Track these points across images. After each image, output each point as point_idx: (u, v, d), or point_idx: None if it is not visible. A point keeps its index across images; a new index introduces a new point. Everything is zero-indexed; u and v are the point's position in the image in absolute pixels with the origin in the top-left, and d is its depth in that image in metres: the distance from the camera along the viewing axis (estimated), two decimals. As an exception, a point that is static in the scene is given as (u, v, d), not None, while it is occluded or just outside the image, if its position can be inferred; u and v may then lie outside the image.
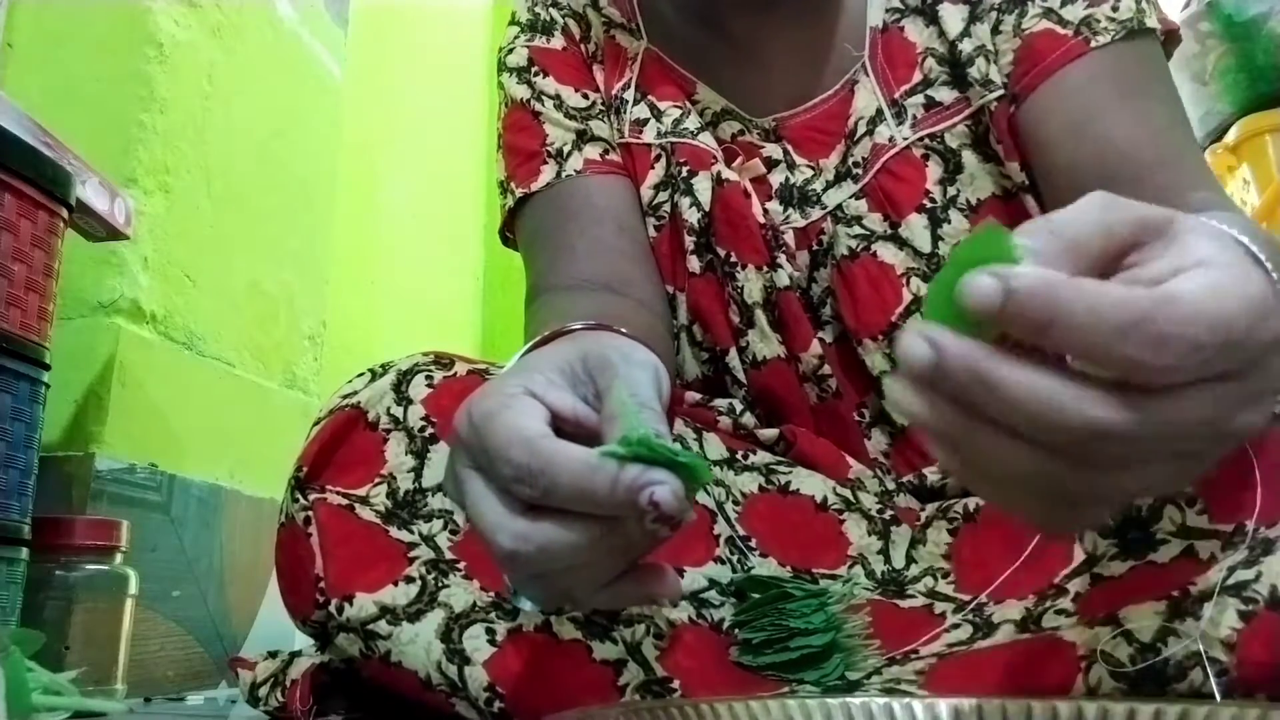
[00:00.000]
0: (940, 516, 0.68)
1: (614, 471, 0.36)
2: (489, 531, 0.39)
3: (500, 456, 0.38)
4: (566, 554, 0.38)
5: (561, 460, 0.37)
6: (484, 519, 0.39)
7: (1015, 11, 0.71)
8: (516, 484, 0.38)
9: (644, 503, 0.36)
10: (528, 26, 0.84)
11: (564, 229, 0.77)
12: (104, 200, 1.02)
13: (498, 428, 0.39)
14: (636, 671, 0.57)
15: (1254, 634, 0.48)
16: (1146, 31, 0.69)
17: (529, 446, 0.38)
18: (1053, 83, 0.69)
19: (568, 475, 0.37)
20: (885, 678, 0.56)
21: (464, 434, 0.40)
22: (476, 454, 0.40)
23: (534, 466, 0.37)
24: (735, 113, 0.77)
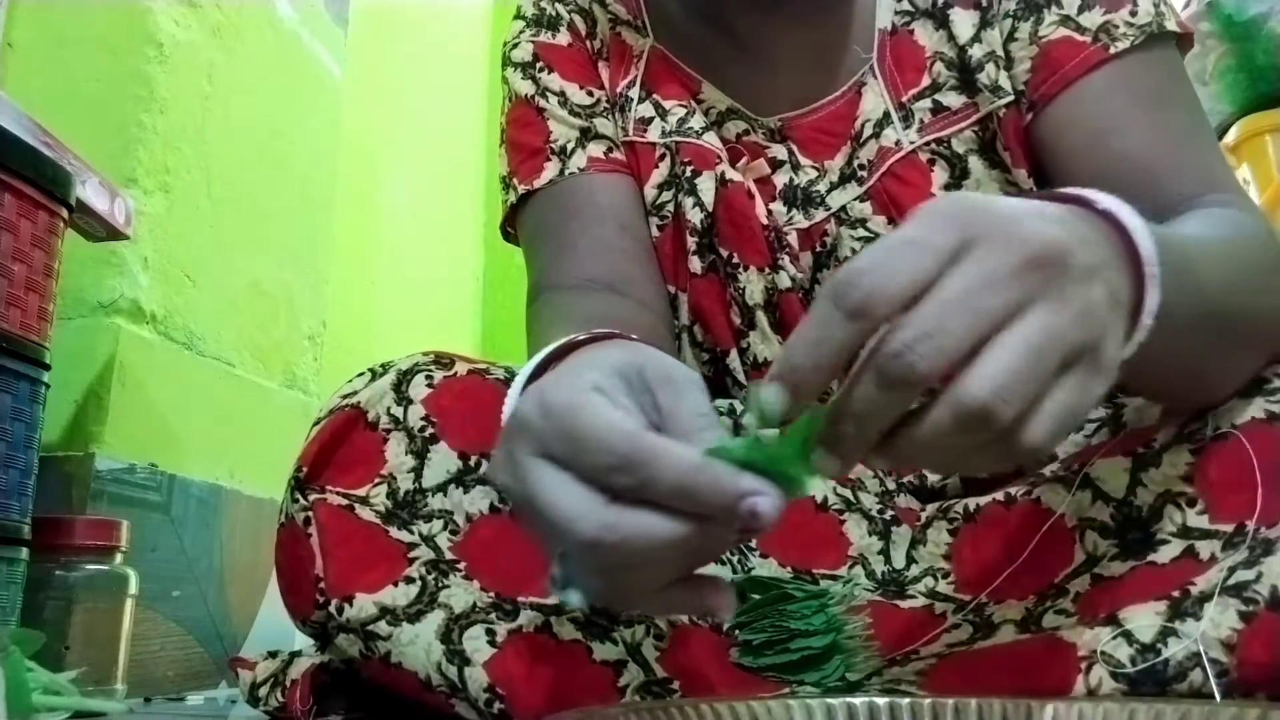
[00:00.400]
0: (940, 517, 0.68)
1: (720, 473, 0.37)
2: (568, 519, 0.38)
3: (599, 445, 0.38)
4: (646, 548, 0.38)
5: (666, 454, 0.37)
6: (559, 506, 0.38)
7: (1031, 19, 0.70)
8: (614, 473, 0.37)
9: (744, 511, 0.36)
10: (533, 21, 0.83)
11: (566, 227, 0.77)
12: (104, 200, 1.02)
13: (591, 417, 0.38)
14: (636, 672, 0.57)
15: (1254, 634, 0.48)
16: (1165, 36, 0.68)
17: (631, 438, 0.37)
18: (1072, 93, 0.68)
19: (673, 470, 0.37)
20: (885, 678, 0.56)
21: (536, 422, 0.39)
22: (554, 442, 0.39)
23: (637, 457, 0.37)
24: (741, 112, 0.77)
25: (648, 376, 0.41)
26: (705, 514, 0.37)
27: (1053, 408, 0.36)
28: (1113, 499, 0.58)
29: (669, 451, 0.37)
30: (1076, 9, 0.69)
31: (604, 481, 0.38)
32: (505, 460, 0.41)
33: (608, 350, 0.44)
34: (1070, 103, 0.68)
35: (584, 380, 0.40)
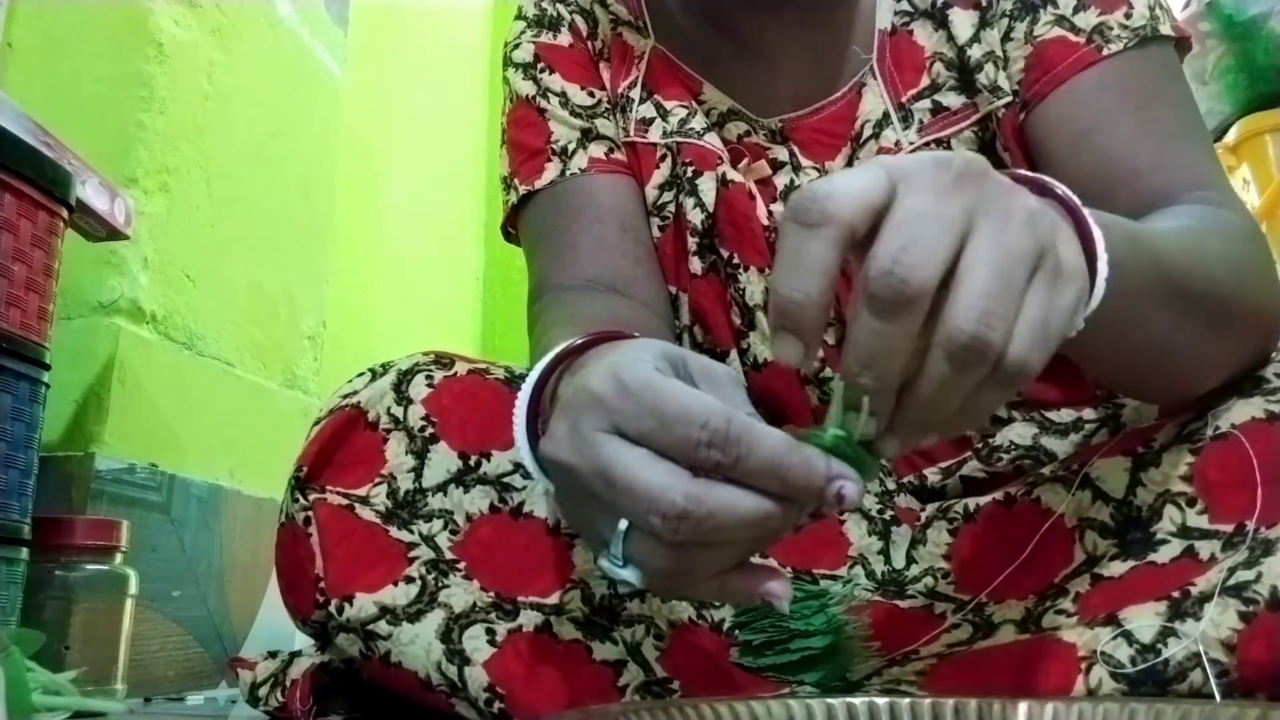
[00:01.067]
0: (940, 517, 0.68)
1: (812, 454, 0.38)
2: (654, 490, 0.38)
3: (692, 420, 0.38)
4: (730, 523, 0.38)
5: (760, 432, 0.38)
6: (643, 478, 0.38)
7: (1027, 18, 0.70)
8: (709, 449, 0.38)
9: (831, 494, 0.38)
10: (534, 22, 0.83)
11: (567, 228, 0.77)
12: (104, 200, 1.02)
13: (679, 394, 0.39)
14: (636, 672, 0.57)
15: (1254, 635, 0.48)
16: (1160, 39, 0.68)
17: (726, 414, 0.38)
18: (1061, 93, 0.68)
19: (767, 448, 0.37)
20: (885, 678, 0.56)
21: (613, 398, 0.40)
22: (633, 418, 0.39)
23: (733, 433, 0.37)
24: (742, 113, 0.77)
25: (691, 369, 0.42)
26: (790, 495, 0.38)
27: (1028, 320, 0.36)
28: (1113, 499, 0.58)
29: (762, 430, 0.38)
30: (1072, 9, 0.69)
31: (691, 458, 0.38)
32: (569, 436, 0.41)
33: (650, 342, 0.44)
34: (1059, 103, 0.68)
35: (647, 361, 0.41)
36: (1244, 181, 1.59)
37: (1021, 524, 0.61)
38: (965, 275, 0.35)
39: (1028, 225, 0.37)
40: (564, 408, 0.42)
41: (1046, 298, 0.37)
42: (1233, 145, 1.60)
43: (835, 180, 0.37)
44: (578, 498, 0.42)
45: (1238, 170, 1.60)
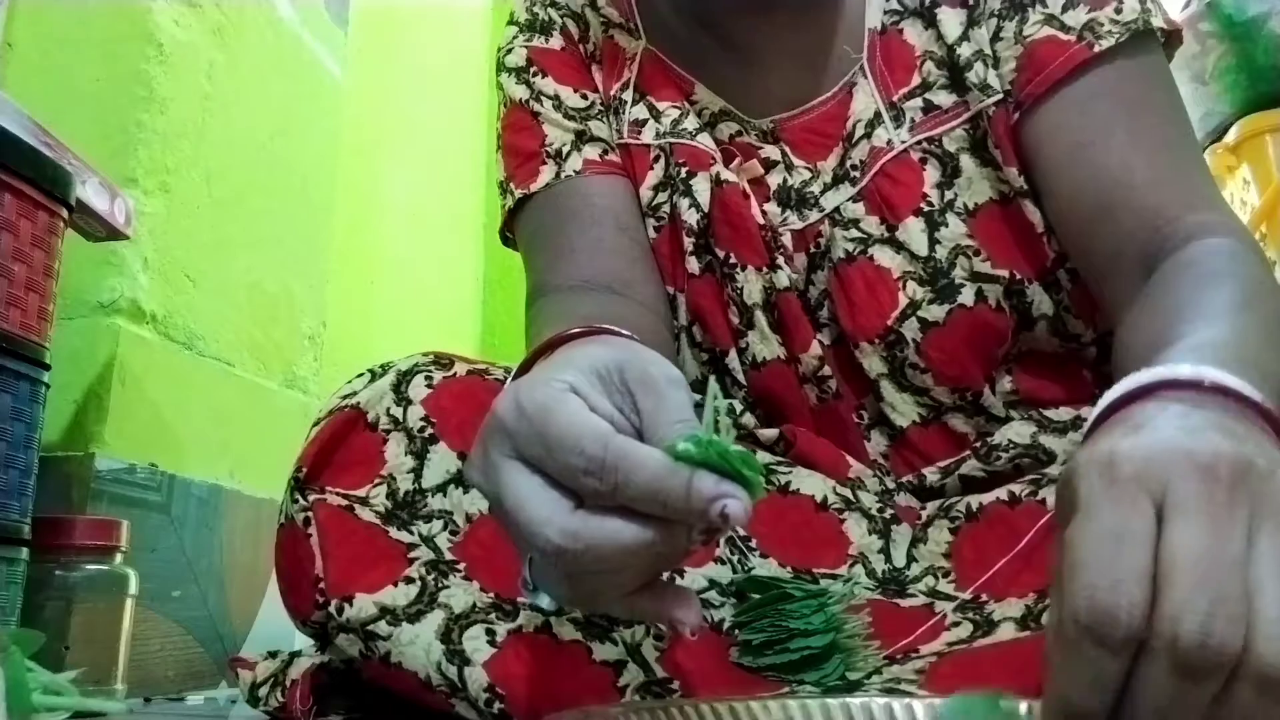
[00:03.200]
0: (941, 515, 0.68)
1: (684, 477, 0.37)
2: (534, 524, 0.38)
3: (570, 447, 0.38)
4: (613, 555, 0.38)
5: (638, 457, 0.37)
6: (527, 511, 0.38)
7: (1016, 18, 0.70)
8: (586, 476, 0.37)
9: (714, 514, 0.36)
10: (526, 26, 0.83)
11: (563, 229, 0.77)
12: (104, 200, 1.02)
13: (564, 419, 0.38)
14: (636, 672, 0.57)
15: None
16: (1150, 33, 0.68)
17: (603, 440, 0.38)
18: (1054, 102, 0.68)
19: (645, 473, 0.37)
20: (885, 677, 0.56)
21: (511, 422, 0.39)
22: (526, 444, 0.39)
23: (609, 460, 0.37)
24: (733, 114, 0.77)
25: (627, 377, 0.41)
26: (674, 517, 0.38)
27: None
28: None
29: (640, 454, 0.37)
30: (1060, 7, 0.69)
31: (575, 484, 0.38)
32: (480, 459, 0.41)
33: (589, 348, 0.44)
34: (1052, 112, 0.68)
35: (560, 380, 0.40)
36: (1244, 181, 1.59)
37: (1023, 523, 0.61)
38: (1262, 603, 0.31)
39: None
40: (481, 429, 0.42)
41: None
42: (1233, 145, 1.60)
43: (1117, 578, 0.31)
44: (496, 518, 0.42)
45: (1238, 170, 1.60)
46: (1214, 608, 0.30)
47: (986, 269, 0.70)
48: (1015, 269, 0.70)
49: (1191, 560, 0.31)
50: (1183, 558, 0.31)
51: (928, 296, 0.70)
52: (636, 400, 0.41)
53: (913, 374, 0.71)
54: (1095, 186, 0.66)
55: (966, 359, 0.70)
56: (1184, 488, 0.32)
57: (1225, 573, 0.31)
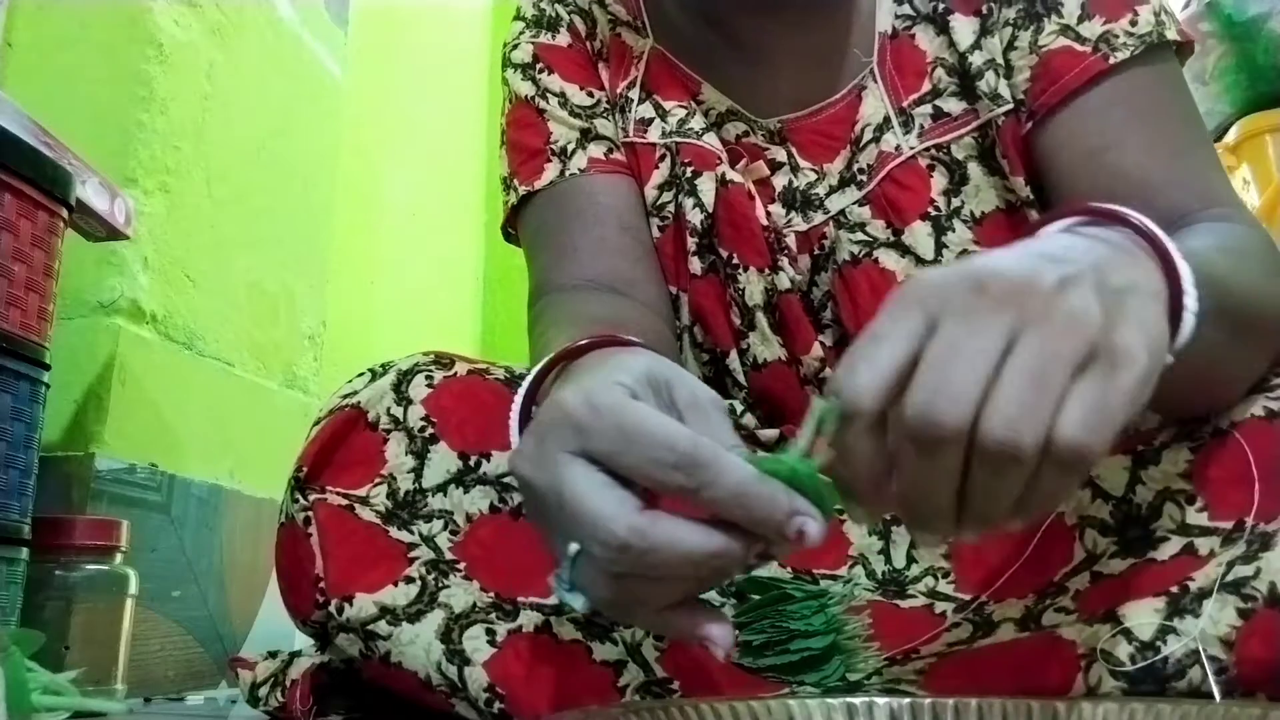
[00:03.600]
0: (940, 516, 0.68)
1: (778, 488, 0.38)
2: (600, 518, 0.38)
3: (659, 442, 0.38)
4: (674, 558, 0.38)
5: (728, 462, 0.38)
6: (592, 505, 0.39)
7: (1031, 28, 0.70)
8: (674, 471, 0.38)
9: (792, 530, 0.38)
10: (533, 22, 0.83)
11: (567, 228, 0.77)
12: (104, 200, 1.02)
13: (649, 418, 0.39)
14: (636, 672, 0.57)
15: (1253, 631, 0.48)
16: (1165, 45, 0.68)
17: (694, 439, 0.38)
18: (1069, 111, 0.68)
19: (734, 477, 0.38)
20: (885, 678, 0.56)
21: (583, 418, 0.40)
22: (599, 438, 0.39)
23: (700, 457, 0.38)
24: (740, 113, 0.77)
25: (675, 396, 0.42)
26: (750, 526, 0.38)
27: (1077, 406, 0.36)
28: (1112, 497, 0.58)
29: (731, 458, 0.38)
30: (1076, 19, 0.69)
31: (652, 480, 0.39)
32: (534, 452, 0.41)
33: (635, 358, 0.44)
34: (1068, 120, 0.68)
35: (621, 385, 0.41)
36: (1244, 181, 1.59)
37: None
38: (995, 391, 0.35)
39: (1068, 326, 0.36)
40: (535, 424, 0.42)
41: (1101, 383, 0.36)
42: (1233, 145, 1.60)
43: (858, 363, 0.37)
44: (537, 514, 0.42)
45: (1238, 170, 1.60)
46: (940, 387, 0.35)
47: None
48: None
49: (933, 354, 0.36)
50: (931, 354, 0.36)
51: None
52: (684, 419, 0.42)
53: None
54: (1110, 189, 0.65)
55: None
56: (954, 301, 0.37)
57: (963, 362, 0.36)
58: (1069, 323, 0.36)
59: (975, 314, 0.36)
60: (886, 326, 0.38)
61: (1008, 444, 0.35)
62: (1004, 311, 0.36)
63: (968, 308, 0.37)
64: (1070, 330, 0.36)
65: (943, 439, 0.35)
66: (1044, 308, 0.36)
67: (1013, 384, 0.35)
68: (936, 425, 0.35)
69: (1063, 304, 0.37)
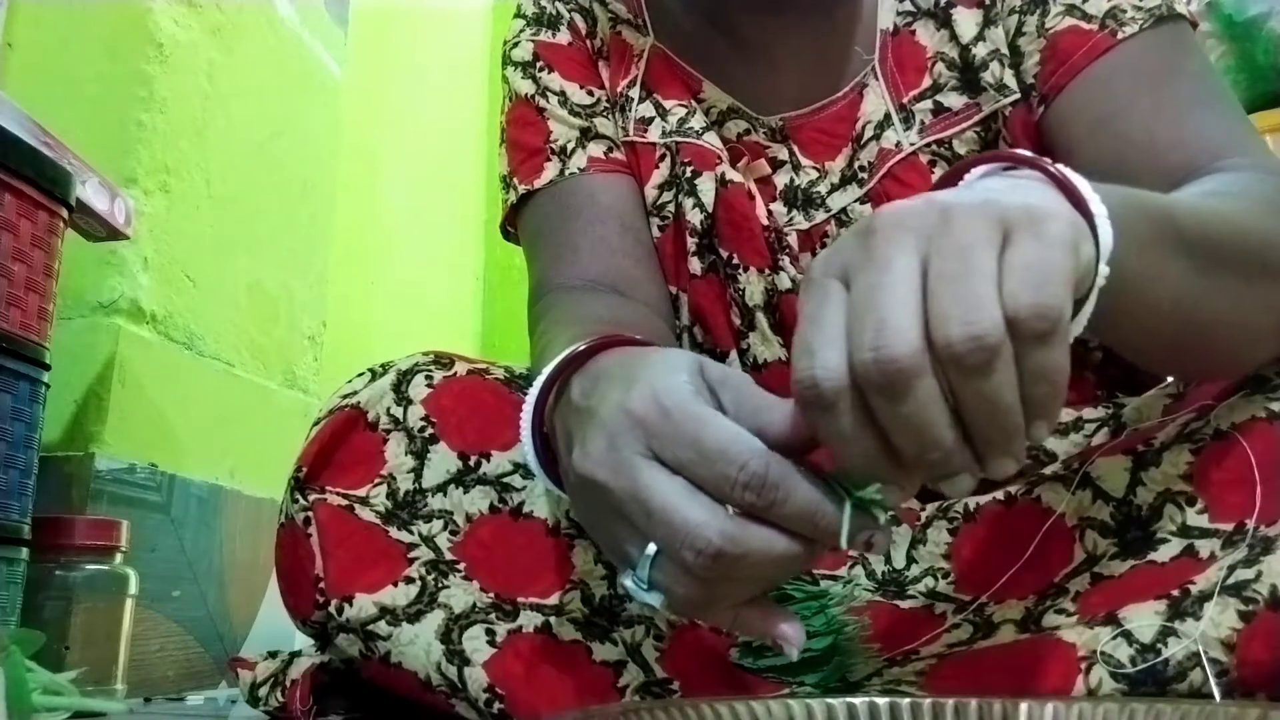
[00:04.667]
0: (940, 516, 0.68)
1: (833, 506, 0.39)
2: (691, 524, 0.39)
3: (732, 460, 0.39)
4: (765, 562, 0.39)
5: (798, 479, 0.39)
6: (682, 512, 0.39)
7: (1037, 11, 0.69)
8: (745, 490, 0.39)
9: (860, 543, 0.39)
10: (533, 20, 0.83)
11: (567, 227, 0.77)
12: (104, 200, 1.02)
13: (723, 430, 0.40)
14: (636, 673, 0.57)
15: (1254, 634, 0.48)
16: (1176, 17, 0.67)
17: (765, 458, 0.39)
18: (1078, 82, 0.67)
19: (804, 496, 0.39)
20: (885, 679, 0.56)
21: (656, 423, 0.40)
22: (671, 445, 0.40)
23: (771, 478, 0.38)
24: (742, 111, 0.77)
25: (708, 377, 0.43)
26: (819, 538, 0.39)
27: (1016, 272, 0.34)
28: (1113, 498, 0.58)
29: (800, 476, 0.39)
30: None
31: (723, 494, 0.39)
32: (607, 454, 0.41)
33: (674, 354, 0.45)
34: (1075, 93, 0.67)
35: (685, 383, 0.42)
36: (1244, 181, 1.59)
37: (1022, 523, 0.61)
38: (930, 304, 0.35)
39: (971, 217, 0.36)
40: (600, 425, 0.42)
41: (1029, 244, 0.35)
42: (1233, 145, 1.60)
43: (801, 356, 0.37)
44: (605, 515, 0.42)
45: (1238, 170, 1.60)
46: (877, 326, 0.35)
47: None
48: None
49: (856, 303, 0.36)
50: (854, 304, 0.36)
51: None
52: (719, 397, 0.42)
53: None
54: (1118, 156, 0.64)
55: None
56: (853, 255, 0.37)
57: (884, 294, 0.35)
58: (969, 215, 0.36)
59: (875, 252, 0.36)
60: (810, 308, 0.37)
61: (967, 339, 0.34)
62: (901, 238, 0.36)
63: (867, 251, 0.36)
64: (973, 219, 0.36)
65: (903, 370, 0.34)
66: (940, 219, 0.36)
67: (942, 288, 0.35)
68: (891, 360, 0.34)
69: (958, 210, 0.36)
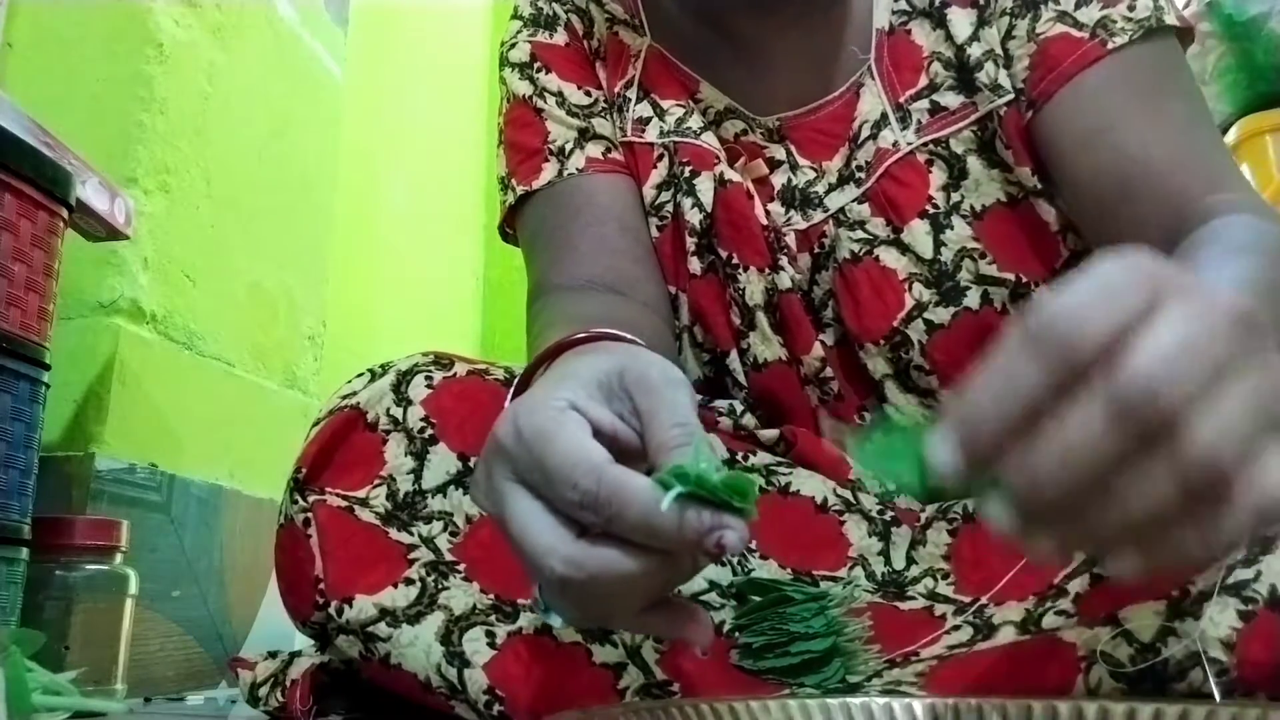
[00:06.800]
0: (940, 517, 0.68)
1: (688, 511, 0.36)
2: (537, 553, 0.38)
3: (564, 480, 0.38)
4: (616, 582, 0.38)
5: (630, 491, 0.37)
6: (530, 540, 0.39)
7: (1029, 15, 0.70)
8: (581, 510, 0.38)
9: (710, 546, 0.36)
10: (530, 21, 0.83)
11: (566, 228, 0.77)
12: (104, 200, 1.02)
13: (560, 449, 0.38)
14: (636, 674, 0.57)
15: (1253, 634, 0.48)
16: (1165, 30, 0.68)
17: (597, 474, 0.37)
18: (1069, 90, 0.68)
19: (637, 508, 0.37)
20: (885, 680, 0.56)
21: (511, 448, 0.39)
22: (527, 470, 0.39)
23: (602, 495, 0.37)
24: (739, 111, 0.77)
25: (626, 381, 0.41)
26: (669, 549, 0.38)
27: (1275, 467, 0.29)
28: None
29: (634, 487, 0.37)
30: (1074, 4, 0.69)
31: (572, 514, 0.38)
32: (484, 481, 0.41)
33: (589, 357, 0.44)
34: (1067, 101, 0.68)
35: (559, 398, 0.40)
36: (1244, 181, 1.59)
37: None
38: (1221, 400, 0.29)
39: None
40: (484, 449, 0.42)
41: None
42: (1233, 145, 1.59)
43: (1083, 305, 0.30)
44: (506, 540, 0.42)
45: (1238, 170, 1.60)
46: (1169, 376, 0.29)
47: (993, 272, 0.70)
48: (1023, 272, 0.70)
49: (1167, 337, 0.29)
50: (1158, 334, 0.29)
51: (933, 299, 0.70)
52: (636, 403, 0.40)
53: (918, 376, 0.71)
54: (1115, 169, 0.65)
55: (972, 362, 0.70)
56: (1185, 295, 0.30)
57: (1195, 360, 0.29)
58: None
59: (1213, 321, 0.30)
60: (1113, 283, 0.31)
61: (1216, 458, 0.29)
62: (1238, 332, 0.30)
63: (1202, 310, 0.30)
64: None
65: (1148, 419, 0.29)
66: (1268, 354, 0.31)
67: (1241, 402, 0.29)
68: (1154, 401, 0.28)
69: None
